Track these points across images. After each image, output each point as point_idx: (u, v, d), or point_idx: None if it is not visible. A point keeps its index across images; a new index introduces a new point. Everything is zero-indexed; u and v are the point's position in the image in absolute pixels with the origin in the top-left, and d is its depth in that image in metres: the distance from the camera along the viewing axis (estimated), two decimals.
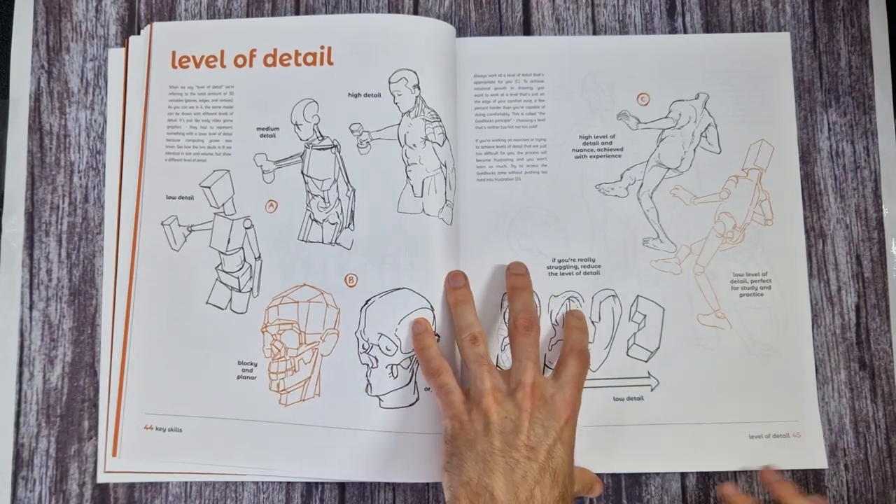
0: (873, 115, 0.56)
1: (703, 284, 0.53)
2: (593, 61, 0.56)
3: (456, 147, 0.54)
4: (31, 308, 0.54)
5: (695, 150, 0.54)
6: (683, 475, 0.52)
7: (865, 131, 0.55)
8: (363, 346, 0.51)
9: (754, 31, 0.56)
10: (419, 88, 0.53)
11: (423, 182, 0.52)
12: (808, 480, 0.52)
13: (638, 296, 0.53)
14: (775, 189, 0.54)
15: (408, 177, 0.52)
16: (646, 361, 0.53)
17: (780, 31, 0.56)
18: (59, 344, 0.54)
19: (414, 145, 0.52)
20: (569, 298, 0.53)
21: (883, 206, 0.55)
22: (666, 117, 0.55)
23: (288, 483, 0.52)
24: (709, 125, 0.55)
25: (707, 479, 0.52)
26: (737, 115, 0.55)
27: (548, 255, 0.54)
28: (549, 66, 0.56)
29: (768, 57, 0.56)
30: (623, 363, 0.53)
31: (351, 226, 0.52)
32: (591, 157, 0.55)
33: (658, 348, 0.53)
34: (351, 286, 0.52)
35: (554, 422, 0.44)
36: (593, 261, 0.54)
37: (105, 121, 0.55)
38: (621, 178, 0.54)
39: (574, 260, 0.53)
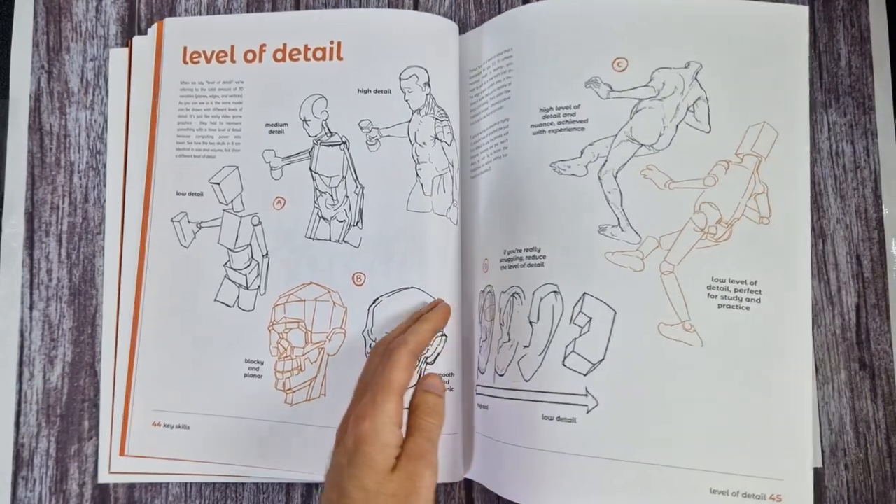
0: (873, 115, 0.55)
1: (671, 287, 0.44)
2: (564, 25, 0.49)
3: (460, 146, 0.54)
4: (31, 308, 0.54)
5: (677, 126, 0.47)
6: None
7: (865, 131, 0.55)
8: (370, 345, 0.51)
9: None
10: (429, 86, 0.53)
11: (432, 181, 0.52)
12: None
13: (585, 293, 0.45)
14: (777, 182, 0.46)
15: (417, 175, 0.52)
16: (585, 375, 0.44)
17: None
18: (59, 344, 0.54)
19: (424, 143, 0.52)
20: (513, 295, 0.48)
21: (883, 206, 0.55)
22: (646, 86, 0.47)
23: (288, 483, 0.52)
24: (698, 99, 0.47)
25: None
26: (735, 91, 0.47)
27: (500, 247, 0.49)
28: (518, 39, 0.50)
29: (781, 30, 0.48)
30: (558, 375, 0.45)
31: (359, 224, 0.52)
32: (550, 131, 0.48)
33: (602, 360, 0.44)
34: (358, 285, 0.51)
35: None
36: (538, 251, 0.47)
37: (105, 121, 0.56)
38: (581, 154, 0.46)
39: (520, 251, 0.47)
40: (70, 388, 0.53)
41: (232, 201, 0.53)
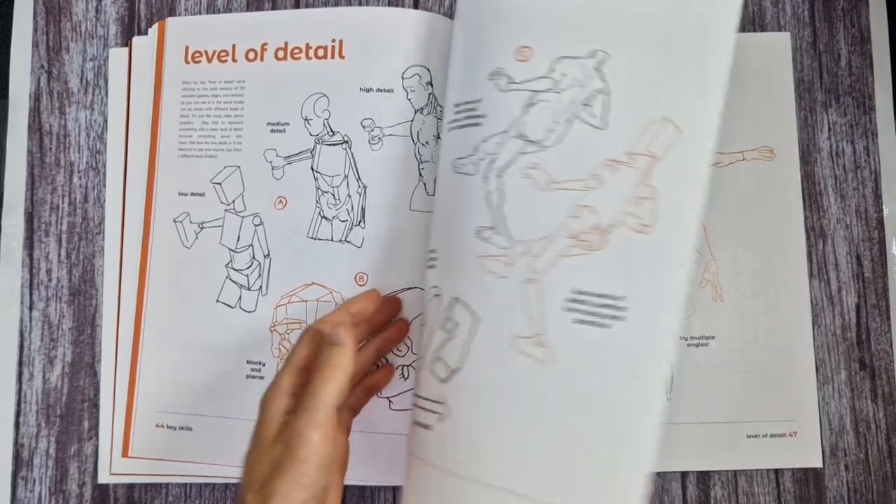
0: (873, 115, 0.56)
1: (531, 297, 0.40)
2: (477, 10, 0.46)
3: None
4: (30, 308, 0.54)
5: (570, 121, 0.42)
6: (684, 474, 0.52)
7: (865, 131, 0.55)
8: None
9: (755, 31, 0.56)
10: (431, 85, 0.52)
11: (434, 180, 0.52)
12: None
13: (456, 298, 0.43)
14: (669, 187, 0.40)
15: (420, 175, 0.52)
16: (442, 382, 0.42)
17: (780, 30, 0.56)
18: (58, 344, 0.53)
19: (426, 143, 0.52)
20: (423, 298, 0.48)
21: (883, 206, 0.55)
22: (545, 76, 0.42)
23: None
24: (599, 92, 0.41)
25: None
26: (642, 84, 0.41)
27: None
28: (453, 33, 0.49)
29: (705, 20, 0.41)
30: (426, 379, 0.43)
31: (362, 223, 0.52)
32: (456, 128, 0.45)
33: (460, 369, 0.41)
34: (361, 285, 0.51)
35: None
36: (434, 252, 0.45)
37: (105, 121, 0.55)
38: (476, 150, 0.43)
39: (428, 252, 0.47)
40: (70, 388, 0.53)
41: (233, 201, 0.53)
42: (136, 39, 0.56)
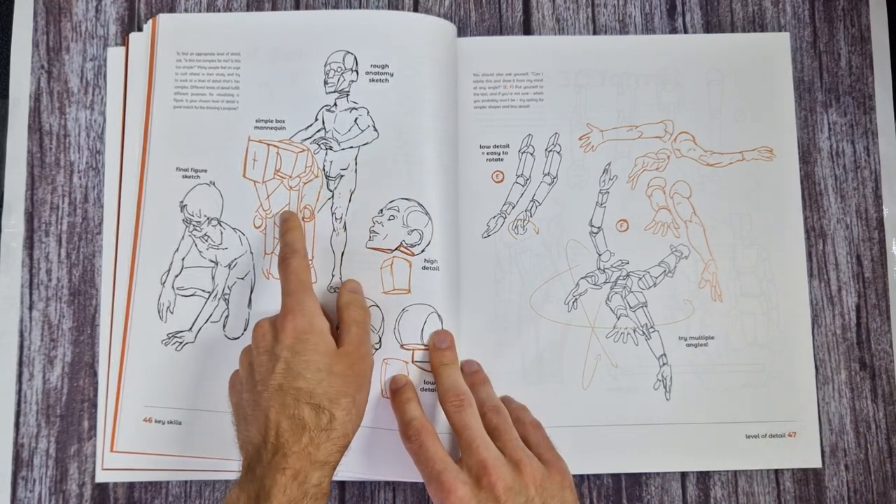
0: (873, 115, 0.56)
1: None
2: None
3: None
4: (30, 308, 0.54)
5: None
6: (684, 475, 0.52)
7: (865, 131, 0.55)
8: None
9: (755, 31, 0.56)
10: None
11: None
12: None
13: None
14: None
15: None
16: None
17: (780, 30, 0.56)
18: (58, 344, 0.53)
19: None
20: None
21: (883, 206, 0.55)
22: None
23: None
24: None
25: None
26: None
27: None
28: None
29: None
30: None
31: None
32: None
33: None
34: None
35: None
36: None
37: (105, 120, 0.55)
38: None
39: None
40: (70, 389, 0.53)
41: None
42: (132, 36, 0.56)
